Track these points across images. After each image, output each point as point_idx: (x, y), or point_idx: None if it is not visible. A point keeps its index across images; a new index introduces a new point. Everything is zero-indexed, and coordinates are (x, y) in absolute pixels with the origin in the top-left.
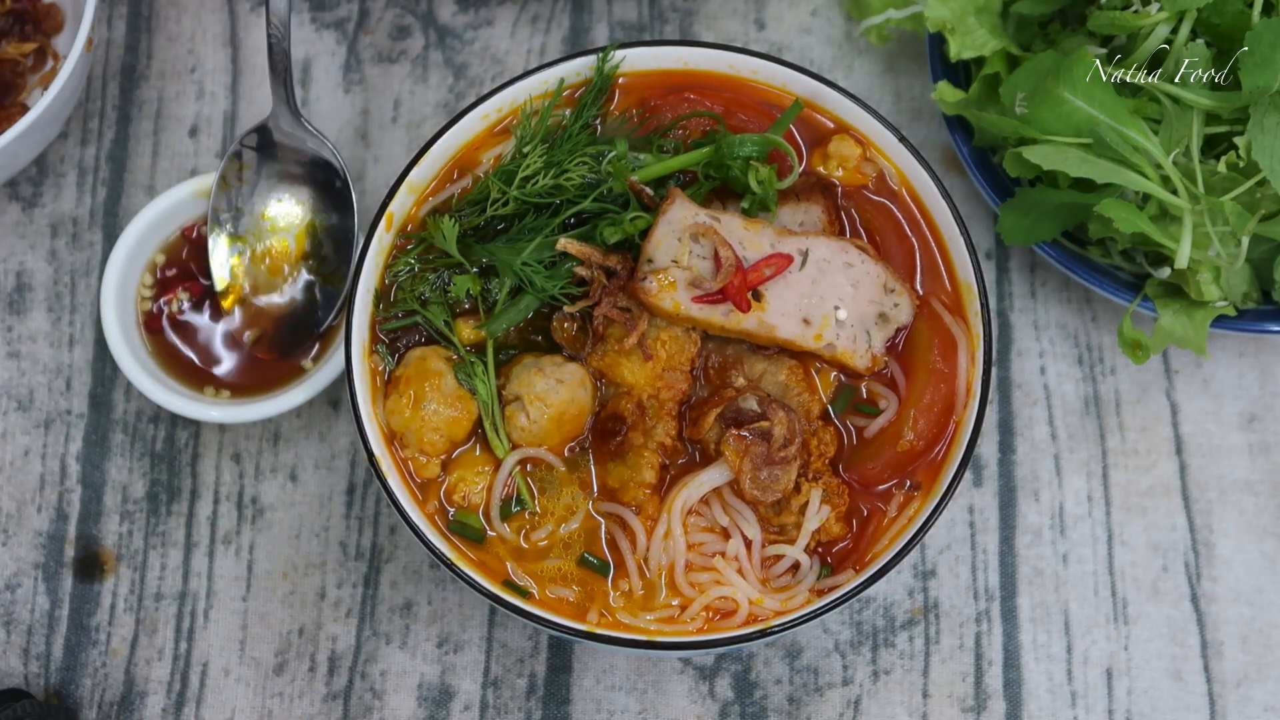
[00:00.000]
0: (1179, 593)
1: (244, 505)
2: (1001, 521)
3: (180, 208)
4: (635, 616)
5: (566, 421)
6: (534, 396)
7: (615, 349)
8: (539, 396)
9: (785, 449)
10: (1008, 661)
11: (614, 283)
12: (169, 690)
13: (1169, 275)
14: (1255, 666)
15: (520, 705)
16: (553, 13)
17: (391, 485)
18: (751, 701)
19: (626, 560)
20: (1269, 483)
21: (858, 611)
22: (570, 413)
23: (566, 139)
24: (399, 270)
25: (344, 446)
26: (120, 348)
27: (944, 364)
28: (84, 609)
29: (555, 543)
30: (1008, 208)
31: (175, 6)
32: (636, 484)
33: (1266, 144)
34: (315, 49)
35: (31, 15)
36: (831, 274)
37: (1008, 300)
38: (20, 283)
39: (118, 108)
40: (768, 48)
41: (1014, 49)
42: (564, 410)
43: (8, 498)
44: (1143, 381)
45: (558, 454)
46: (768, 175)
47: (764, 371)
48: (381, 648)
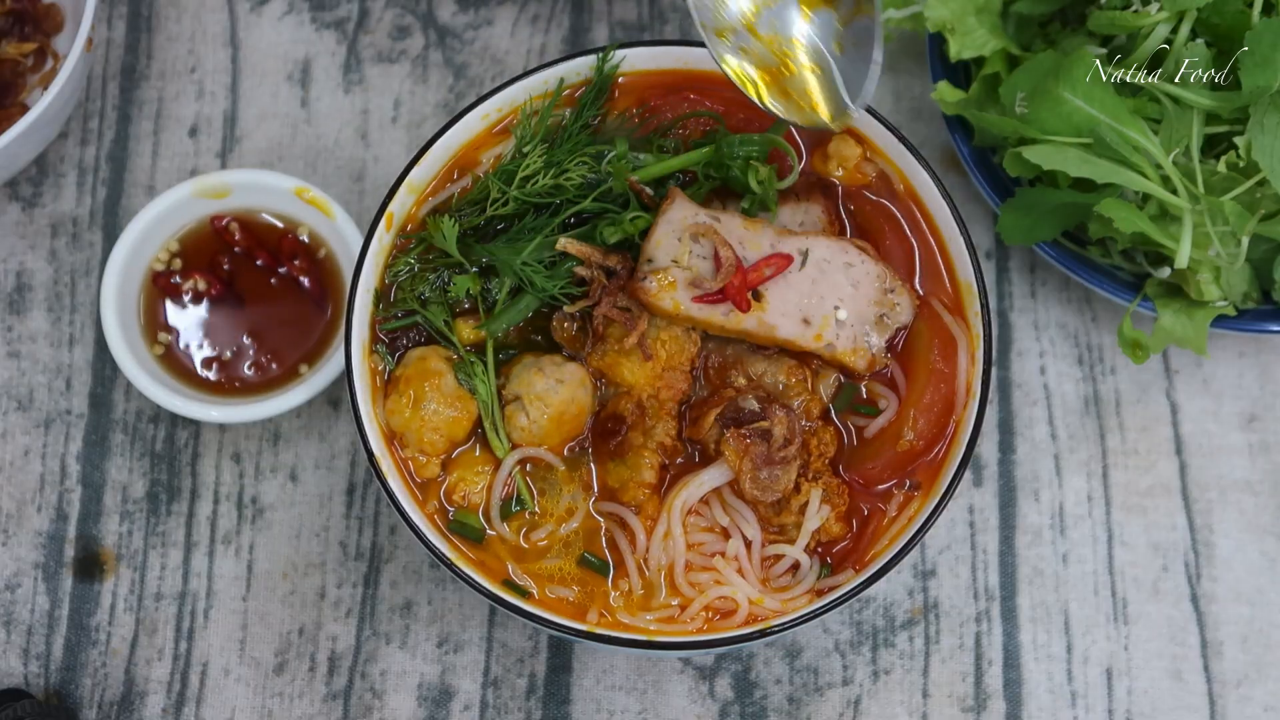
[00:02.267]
0: (1179, 593)
1: (244, 505)
2: (1001, 521)
3: (180, 208)
4: (635, 616)
5: (566, 421)
6: (534, 396)
7: (615, 349)
8: (539, 396)
9: (785, 449)
10: (1008, 661)
11: (614, 283)
12: (169, 690)
13: (1169, 275)
14: (1255, 666)
15: (520, 705)
16: (553, 13)
17: (391, 485)
18: (751, 701)
19: (626, 560)
20: (1269, 483)
21: (858, 611)
22: (570, 412)
23: (566, 139)
24: (399, 270)
25: (344, 446)
26: (120, 348)
27: (944, 364)
28: (84, 609)
29: (555, 542)
30: (1008, 208)
31: (175, 6)
32: (636, 484)
33: (1266, 144)
34: (315, 49)
35: (31, 15)
36: (831, 274)
37: (1008, 300)
38: (20, 283)
39: (118, 108)
40: None
41: (1014, 49)
42: (564, 410)
43: (8, 498)
44: (1143, 381)
45: (557, 453)
46: (768, 175)
47: (764, 371)
48: (381, 648)
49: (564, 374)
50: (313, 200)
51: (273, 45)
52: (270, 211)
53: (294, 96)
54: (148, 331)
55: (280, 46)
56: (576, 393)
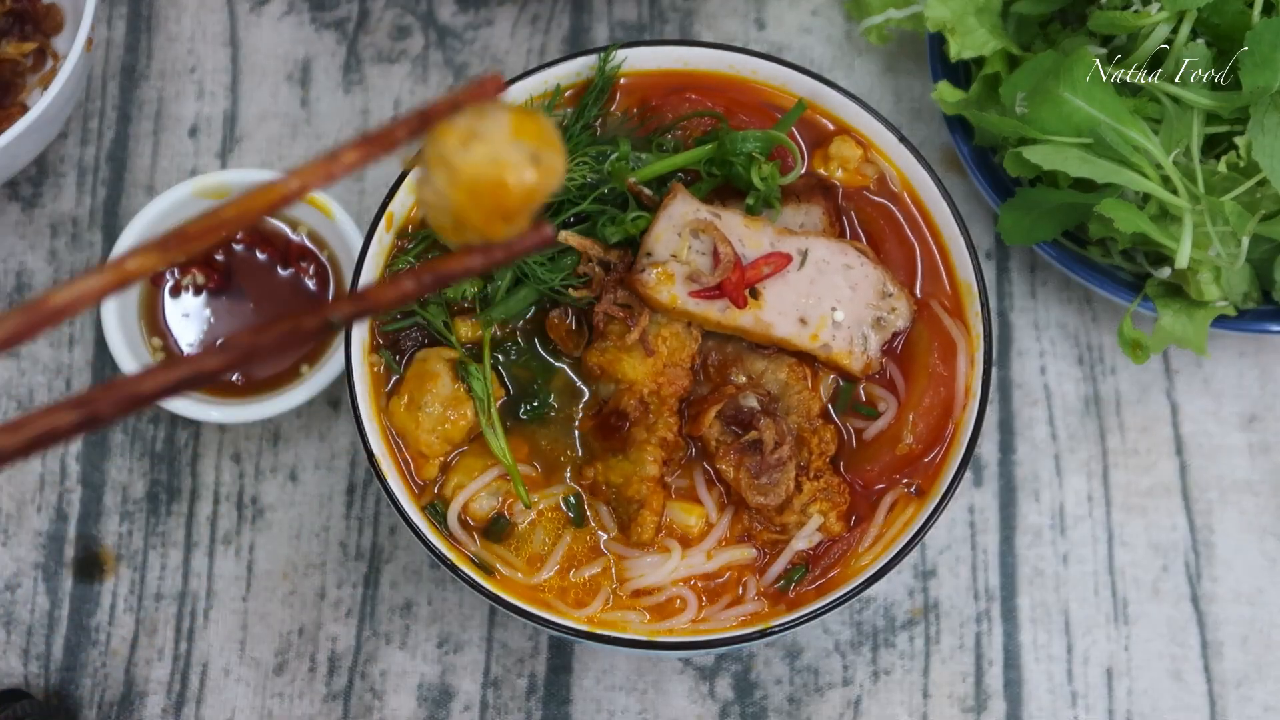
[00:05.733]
0: (1179, 593)
1: (244, 505)
2: (1001, 521)
3: (180, 208)
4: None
5: (484, 193)
6: (438, 158)
7: (616, 345)
8: (443, 158)
9: (777, 450)
10: (1008, 661)
11: (612, 276)
12: (169, 690)
13: (1169, 275)
14: (1255, 666)
15: (520, 705)
16: (553, 13)
17: (391, 485)
18: (751, 702)
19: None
20: (1269, 483)
21: (858, 611)
22: (491, 179)
23: (568, 139)
24: (399, 270)
25: (344, 446)
26: (120, 348)
27: (943, 367)
28: (84, 609)
29: (547, 530)
30: (1008, 208)
31: (175, 6)
32: (640, 478)
33: (1266, 144)
34: (315, 49)
35: (31, 15)
36: (830, 275)
37: (1008, 300)
38: (20, 283)
39: (118, 108)
40: (768, 48)
41: (1014, 49)
42: (481, 176)
43: (8, 498)
44: (1143, 381)
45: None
46: (770, 171)
47: (764, 370)
48: (381, 648)
49: (488, 125)
50: (313, 200)
51: (273, 45)
52: None
53: (294, 96)
54: (147, 331)
55: (280, 46)
56: (503, 151)
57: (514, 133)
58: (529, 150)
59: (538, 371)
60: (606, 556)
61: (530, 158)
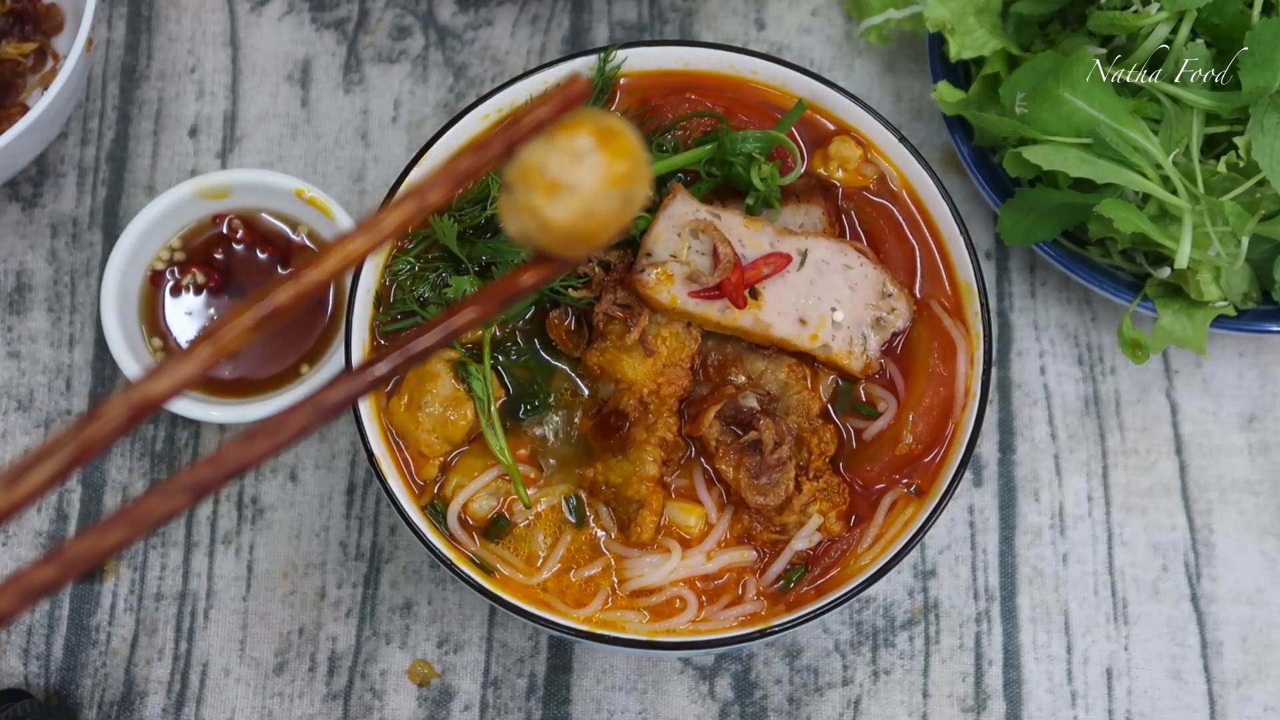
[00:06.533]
0: (1179, 593)
1: (244, 505)
2: (1001, 521)
3: (180, 208)
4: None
5: (576, 240)
6: (547, 180)
7: (616, 345)
8: (556, 178)
9: (777, 450)
10: (1008, 661)
11: (611, 276)
12: (169, 690)
13: (1169, 275)
14: (1255, 666)
15: (520, 705)
16: (553, 13)
17: (391, 485)
18: (751, 701)
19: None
20: (1269, 483)
21: (858, 611)
22: (581, 232)
23: None
24: (398, 270)
25: (344, 446)
26: (120, 348)
27: (943, 368)
28: (84, 609)
29: (550, 546)
30: (1008, 208)
31: (175, 6)
32: (640, 478)
33: (1266, 144)
34: (315, 49)
35: (31, 15)
36: (830, 275)
37: (1008, 300)
38: (20, 283)
39: (118, 108)
40: (768, 48)
41: (1014, 49)
42: (575, 231)
43: None
44: (1143, 381)
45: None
46: (770, 171)
47: (764, 370)
48: (381, 648)
49: (579, 175)
50: (313, 200)
51: (273, 45)
52: (270, 211)
53: (294, 96)
54: (148, 331)
55: (280, 46)
56: (596, 205)
57: (607, 180)
58: (621, 197)
59: (538, 371)
60: (606, 556)
61: (623, 203)
